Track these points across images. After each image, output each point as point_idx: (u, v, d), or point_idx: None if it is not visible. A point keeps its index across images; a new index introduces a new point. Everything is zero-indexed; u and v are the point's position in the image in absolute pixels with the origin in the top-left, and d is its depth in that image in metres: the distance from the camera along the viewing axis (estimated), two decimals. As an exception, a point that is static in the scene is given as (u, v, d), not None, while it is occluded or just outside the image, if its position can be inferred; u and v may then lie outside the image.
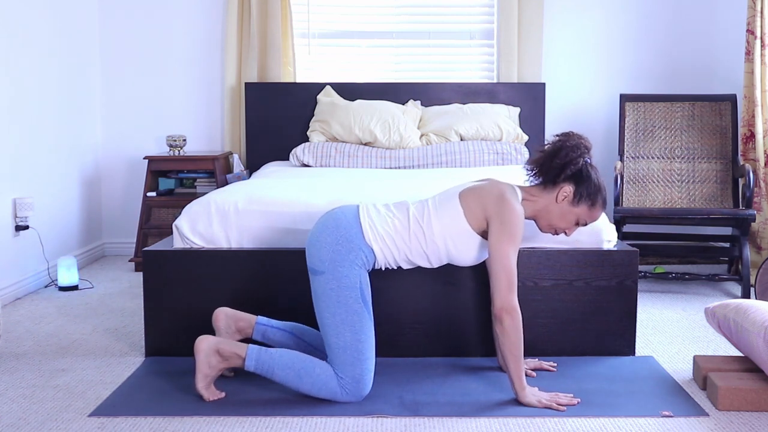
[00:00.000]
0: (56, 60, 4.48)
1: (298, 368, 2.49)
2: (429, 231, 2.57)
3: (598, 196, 2.60)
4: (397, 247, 2.57)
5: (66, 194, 4.62)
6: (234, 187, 3.36)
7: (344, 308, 2.48)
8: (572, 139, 2.57)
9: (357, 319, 2.48)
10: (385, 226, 2.57)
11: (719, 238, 4.50)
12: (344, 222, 2.55)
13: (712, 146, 4.52)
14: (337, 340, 2.48)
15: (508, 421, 2.40)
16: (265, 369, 2.51)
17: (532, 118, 4.84)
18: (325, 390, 2.49)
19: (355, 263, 2.51)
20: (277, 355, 2.52)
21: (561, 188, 2.58)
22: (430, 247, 2.58)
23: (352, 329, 2.47)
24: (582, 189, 2.58)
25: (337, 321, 2.48)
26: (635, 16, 4.96)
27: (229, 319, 2.76)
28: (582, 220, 2.63)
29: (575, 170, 2.56)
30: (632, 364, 2.91)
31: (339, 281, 2.49)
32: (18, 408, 2.51)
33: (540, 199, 2.62)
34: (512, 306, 2.45)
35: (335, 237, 2.52)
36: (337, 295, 2.48)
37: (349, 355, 2.47)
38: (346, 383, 2.48)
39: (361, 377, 2.48)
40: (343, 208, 2.63)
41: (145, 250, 2.98)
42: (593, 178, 2.59)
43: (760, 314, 2.53)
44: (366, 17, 5.07)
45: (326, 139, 4.62)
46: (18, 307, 3.79)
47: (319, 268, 2.52)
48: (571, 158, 2.55)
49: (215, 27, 5.04)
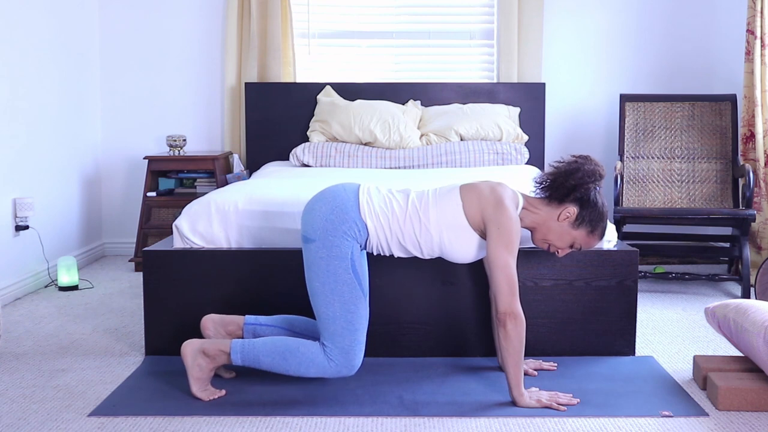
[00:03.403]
0: (56, 60, 4.48)
1: (283, 350, 2.50)
2: (425, 218, 2.57)
3: (599, 224, 2.62)
4: (391, 229, 2.57)
5: (66, 194, 4.62)
6: (234, 187, 3.36)
7: (334, 278, 2.48)
8: (590, 164, 2.59)
9: (347, 289, 2.48)
10: (383, 206, 2.58)
11: (719, 238, 4.50)
12: (342, 195, 2.56)
13: (712, 146, 4.52)
14: (326, 309, 2.49)
15: (508, 421, 2.40)
16: (251, 359, 2.52)
17: (532, 118, 4.84)
18: (313, 366, 2.49)
19: (347, 234, 2.51)
20: (260, 343, 2.53)
21: (565, 208, 2.59)
22: (423, 234, 2.58)
23: (341, 299, 2.48)
24: (585, 213, 2.59)
25: (327, 290, 2.49)
26: (635, 16, 4.97)
27: (217, 325, 2.76)
28: (578, 243, 2.64)
29: (584, 194, 2.58)
30: (632, 364, 2.91)
31: (329, 250, 2.49)
32: (18, 408, 2.51)
33: (542, 212, 2.62)
34: (516, 311, 2.45)
35: (331, 207, 2.53)
36: (327, 264, 2.49)
37: (339, 325, 2.47)
38: (334, 355, 2.48)
39: (350, 348, 2.48)
40: (344, 183, 2.64)
41: (145, 250, 2.98)
42: (599, 205, 2.61)
43: (760, 314, 2.54)
44: (366, 17, 5.07)
45: (326, 139, 4.61)
46: (18, 307, 3.79)
47: (311, 236, 2.52)
48: (584, 182, 2.57)
49: (215, 27, 5.04)
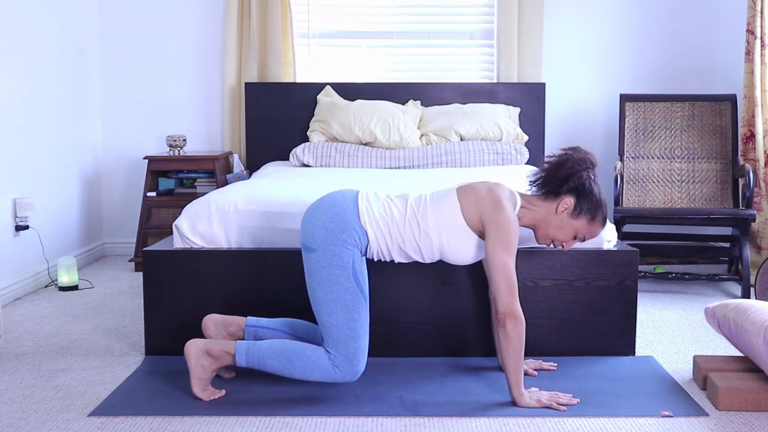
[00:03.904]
0: (56, 60, 4.48)
1: (289, 354, 2.50)
2: (424, 222, 2.57)
3: (598, 211, 2.61)
4: (391, 235, 2.57)
5: (66, 194, 4.62)
6: (234, 187, 3.36)
7: (336, 287, 2.48)
8: (579, 153, 2.59)
9: (349, 297, 2.48)
10: (382, 212, 2.58)
11: (719, 238, 4.50)
12: (342, 202, 2.56)
13: (712, 146, 4.52)
14: (329, 318, 2.49)
15: (508, 421, 2.40)
16: (256, 361, 2.52)
17: (532, 118, 4.84)
18: (318, 371, 2.49)
19: (347, 243, 2.51)
20: (266, 346, 2.53)
21: (562, 200, 2.59)
22: (423, 239, 2.58)
23: (344, 307, 2.48)
24: (583, 202, 2.59)
25: (329, 299, 2.49)
26: (635, 16, 4.96)
27: (219, 326, 2.76)
28: (580, 234, 2.63)
29: (578, 183, 2.57)
30: (632, 364, 2.91)
31: (330, 260, 2.49)
32: (18, 408, 2.51)
33: (540, 208, 2.62)
34: (516, 312, 2.45)
35: (330, 215, 2.53)
36: (329, 274, 2.49)
37: (342, 333, 2.48)
38: (339, 362, 2.48)
39: (354, 355, 2.49)
40: (343, 190, 2.64)
41: (145, 250, 2.98)
42: (595, 192, 2.60)
43: (760, 314, 2.53)
44: (366, 17, 5.07)
45: (326, 139, 4.61)
46: (18, 307, 3.79)
47: (312, 245, 2.52)
48: (575, 171, 2.56)
49: (215, 27, 5.04)
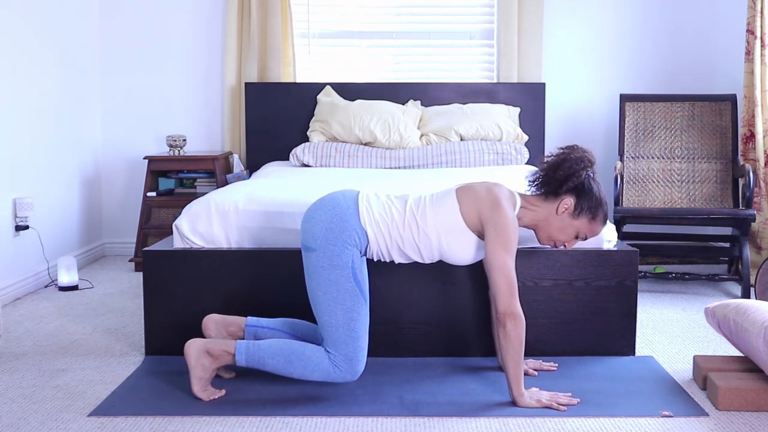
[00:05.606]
0: (56, 60, 4.48)
1: (288, 353, 2.50)
2: (423, 222, 2.57)
3: (599, 210, 2.60)
4: (390, 236, 2.58)
5: (66, 194, 4.62)
6: (234, 187, 3.36)
7: (336, 287, 2.48)
8: (576, 152, 2.58)
9: (349, 297, 2.48)
10: (382, 212, 2.58)
11: (719, 238, 4.50)
12: (342, 202, 2.56)
13: (712, 146, 4.52)
14: (329, 318, 2.49)
15: (508, 421, 2.40)
16: (256, 360, 2.52)
17: (532, 118, 4.84)
18: (318, 371, 2.49)
19: (347, 243, 2.51)
20: (266, 345, 2.53)
21: (562, 200, 2.58)
22: (423, 240, 2.58)
23: (343, 307, 2.48)
24: (583, 202, 2.58)
25: (329, 299, 2.49)
26: (635, 16, 4.96)
27: (219, 326, 2.76)
28: (582, 233, 2.63)
29: (577, 183, 2.57)
30: (632, 364, 2.91)
31: (330, 260, 2.49)
32: (18, 408, 2.51)
33: (540, 209, 2.62)
34: (516, 312, 2.45)
35: (330, 215, 2.53)
36: (328, 274, 2.49)
37: (342, 333, 2.48)
38: (338, 362, 2.48)
39: (354, 355, 2.48)
40: (343, 190, 2.64)
41: (145, 250, 2.98)
42: (595, 191, 2.59)
43: (760, 314, 2.53)
44: (366, 17, 5.07)
45: (326, 139, 4.61)
46: (18, 307, 3.79)
47: (312, 245, 2.52)
48: (574, 170, 2.55)
49: (215, 27, 5.04)
